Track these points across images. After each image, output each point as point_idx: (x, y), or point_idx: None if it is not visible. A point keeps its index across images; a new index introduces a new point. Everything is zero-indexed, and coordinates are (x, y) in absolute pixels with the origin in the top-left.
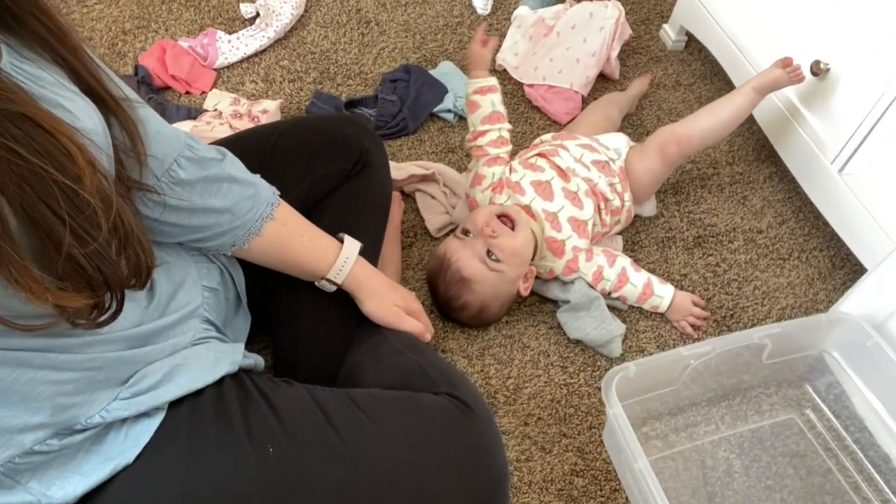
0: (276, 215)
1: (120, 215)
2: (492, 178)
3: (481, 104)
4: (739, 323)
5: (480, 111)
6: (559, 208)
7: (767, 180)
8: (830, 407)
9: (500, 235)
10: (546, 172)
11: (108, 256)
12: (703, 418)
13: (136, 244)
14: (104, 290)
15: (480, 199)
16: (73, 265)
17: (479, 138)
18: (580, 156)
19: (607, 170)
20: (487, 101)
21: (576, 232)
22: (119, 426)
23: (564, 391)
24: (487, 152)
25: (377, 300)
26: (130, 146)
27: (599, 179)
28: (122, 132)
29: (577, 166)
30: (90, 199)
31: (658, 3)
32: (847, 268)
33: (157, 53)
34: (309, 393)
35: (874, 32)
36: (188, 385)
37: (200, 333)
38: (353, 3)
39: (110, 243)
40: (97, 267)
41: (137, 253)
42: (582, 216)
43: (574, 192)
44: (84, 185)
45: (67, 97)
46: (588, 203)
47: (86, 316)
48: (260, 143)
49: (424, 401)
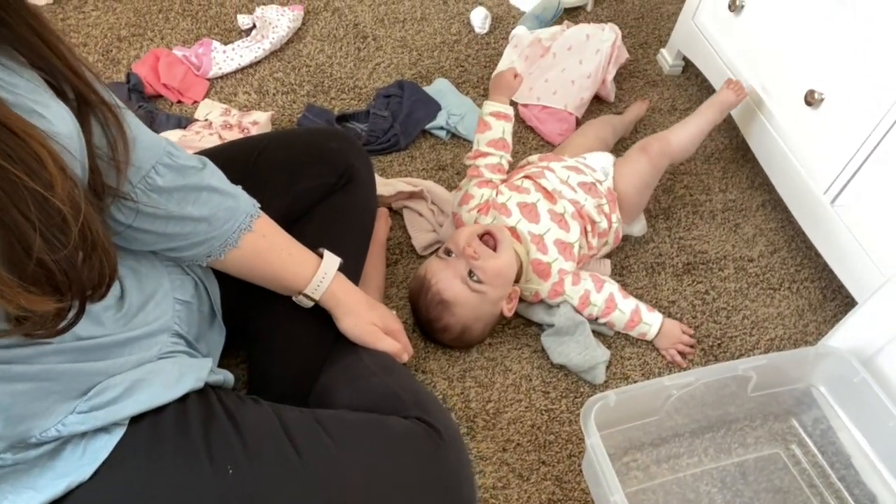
0: (255, 227)
1: (88, 224)
2: (479, 198)
3: (493, 126)
4: (727, 352)
5: (490, 133)
6: (545, 230)
7: (760, 208)
8: (816, 442)
9: (482, 256)
10: (531, 195)
11: (76, 263)
12: (686, 450)
13: (102, 253)
14: (70, 297)
15: (466, 218)
16: (43, 270)
17: (480, 159)
18: (566, 177)
19: (594, 191)
20: (500, 126)
21: (562, 255)
22: (77, 441)
23: (545, 417)
24: (482, 174)
25: (355, 318)
26: (111, 153)
27: (586, 201)
28: (104, 137)
29: (563, 188)
30: (60, 206)
31: (656, 27)
32: (838, 300)
33: (151, 62)
34: (275, 413)
35: (868, 64)
36: (149, 401)
37: (168, 347)
38: (350, 18)
39: (77, 251)
40: (65, 272)
41: (102, 263)
42: (568, 239)
43: (560, 215)
44: (55, 192)
45: (42, 102)
46: (574, 225)
47: (48, 323)
48: (244, 154)
49: (392, 425)
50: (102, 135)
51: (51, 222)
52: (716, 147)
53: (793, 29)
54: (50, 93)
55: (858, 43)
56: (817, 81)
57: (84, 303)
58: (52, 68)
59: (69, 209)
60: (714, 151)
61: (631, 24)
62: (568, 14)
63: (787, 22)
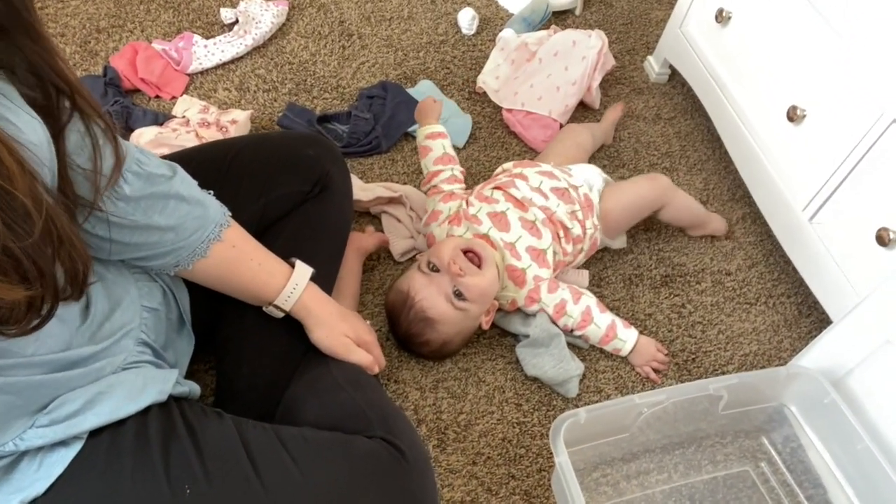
0: (225, 237)
1: (52, 219)
2: (448, 212)
3: (433, 147)
4: (700, 367)
5: (433, 153)
6: (517, 238)
7: (740, 221)
8: (786, 461)
9: (468, 274)
10: (500, 204)
11: (45, 254)
12: (656, 466)
13: (71, 248)
14: (39, 286)
15: (437, 233)
16: (10, 259)
17: (434, 178)
18: (539, 183)
19: (567, 197)
20: (438, 144)
21: (535, 261)
22: (33, 455)
23: (517, 430)
24: (442, 189)
25: (326, 329)
26: (92, 167)
27: (558, 207)
28: (90, 151)
29: (533, 195)
30: (21, 197)
31: (644, 33)
32: (813, 316)
33: (129, 55)
34: (237, 429)
35: (850, 84)
36: (110, 414)
37: (133, 357)
38: (336, 15)
39: (45, 246)
40: (33, 261)
41: (73, 258)
42: (540, 245)
43: (532, 222)
44: (14, 184)
45: (11, 109)
46: (546, 232)
47: (20, 317)
48: (217, 158)
49: (356, 445)
50: (87, 147)
51: (13, 213)
52: (698, 158)
53: (778, 44)
54: (20, 101)
55: (842, 62)
56: (800, 98)
57: (57, 297)
58: (46, 78)
59: (31, 202)
60: (696, 162)
61: (619, 29)
62: (556, 17)
63: (772, 37)
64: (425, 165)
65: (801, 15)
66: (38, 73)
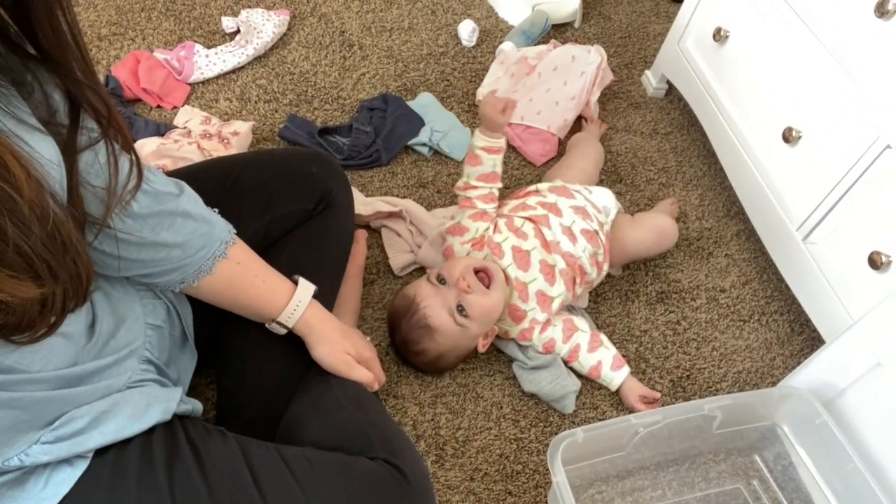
0: (230, 254)
1: (58, 226)
2: (475, 232)
3: (483, 161)
4: (695, 384)
5: (481, 168)
6: (531, 280)
7: (735, 238)
8: (777, 479)
9: (475, 292)
10: (529, 241)
11: (53, 255)
12: (650, 483)
13: (75, 255)
14: (52, 283)
15: (458, 250)
16: (22, 258)
17: (470, 191)
18: (571, 223)
19: (595, 241)
20: (490, 161)
21: (539, 305)
22: (40, 472)
23: (514, 446)
24: (475, 205)
25: (328, 347)
26: (105, 186)
27: (584, 252)
28: (101, 171)
29: (563, 238)
30: (28, 206)
31: (642, 47)
32: (805, 334)
33: (131, 64)
34: (241, 449)
35: (846, 108)
36: (115, 433)
37: (137, 375)
38: (337, 25)
39: (52, 249)
40: (44, 259)
41: (76, 264)
42: (550, 293)
43: (552, 267)
44: (20, 191)
45: (23, 126)
46: (560, 282)
47: (32, 320)
48: (222, 176)
49: (359, 468)
50: (104, 170)
51: (20, 217)
52: (694, 174)
53: (775, 65)
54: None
55: (838, 86)
56: (796, 119)
57: (66, 297)
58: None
59: (37, 211)
60: (693, 178)
61: (617, 42)
62: (556, 30)
63: (769, 58)
64: (468, 174)
65: (798, 38)
66: (73, 99)
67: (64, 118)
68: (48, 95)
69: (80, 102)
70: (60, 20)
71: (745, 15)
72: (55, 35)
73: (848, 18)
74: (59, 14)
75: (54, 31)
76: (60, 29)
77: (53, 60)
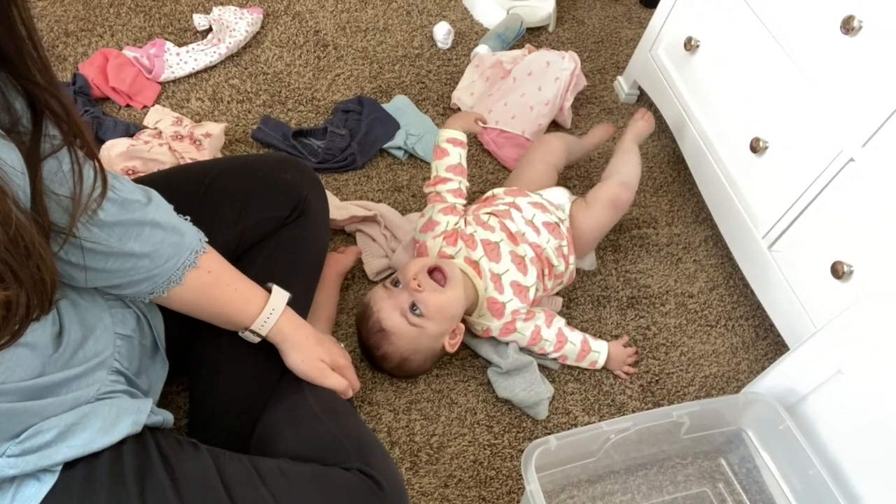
0: (201, 263)
1: (20, 231)
2: (445, 225)
3: (450, 153)
4: (664, 389)
5: (448, 159)
6: (504, 271)
7: (703, 243)
8: (741, 482)
9: (426, 289)
10: (496, 234)
11: (16, 259)
12: (620, 487)
13: (38, 260)
14: (15, 287)
15: (431, 245)
16: None
17: (440, 185)
18: (532, 216)
19: (557, 232)
20: (456, 152)
21: (517, 296)
22: (6, 487)
23: (488, 452)
24: (445, 199)
25: (302, 354)
26: (69, 195)
27: (548, 243)
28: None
29: (527, 230)
30: None
31: (615, 52)
32: (770, 339)
33: (99, 62)
34: (214, 462)
35: (811, 120)
36: (83, 447)
37: (107, 387)
38: (311, 24)
39: (15, 254)
40: (6, 263)
41: (40, 269)
42: (525, 282)
43: (521, 257)
44: None
45: None
46: (532, 270)
47: None
48: (194, 182)
49: (334, 479)
50: (68, 178)
51: None
52: (664, 179)
53: (743, 77)
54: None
55: (804, 99)
56: (763, 130)
57: (29, 312)
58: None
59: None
60: (662, 184)
61: (590, 47)
62: (530, 33)
63: (738, 69)
64: (436, 168)
65: (767, 50)
66: (34, 105)
67: (27, 125)
68: (10, 102)
69: (41, 108)
70: (15, 17)
71: (716, 26)
72: (9, 34)
73: (815, 34)
74: (13, 11)
75: (8, 29)
76: (15, 28)
77: (9, 62)
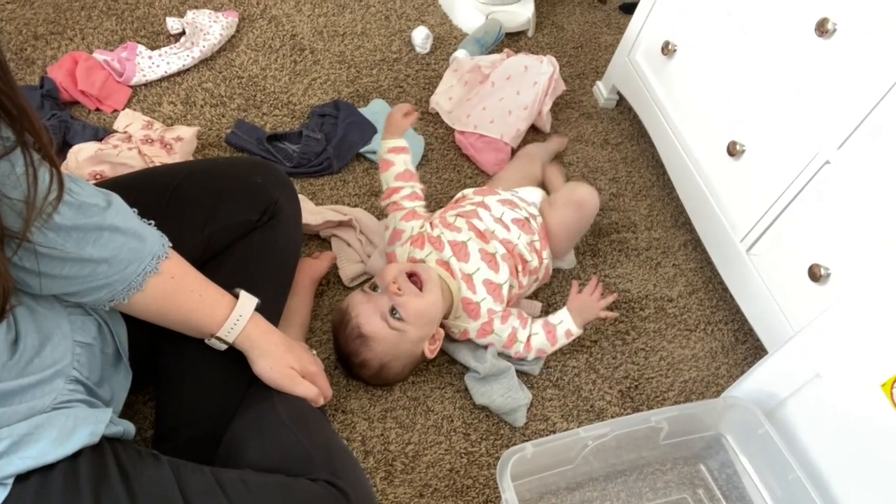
0: (163, 269)
1: None
2: (410, 231)
3: (395, 162)
4: (643, 394)
5: (394, 168)
6: (475, 270)
7: (682, 248)
8: (721, 487)
9: (406, 293)
10: (463, 233)
11: None
12: (599, 494)
13: None
14: None
15: (400, 253)
16: None
17: (394, 194)
18: (501, 214)
19: (527, 228)
20: (400, 160)
21: (491, 295)
22: None
23: (464, 460)
24: (403, 206)
25: (271, 361)
26: (22, 198)
27: (519, 239)
28: (18, 182)
29: (496, 227)
30: None
31: (594, 57)
32: (749, 343)
33: (68, 66)
34: (175, 473)
35: (787, 123)
36: (37, 459)
37: (64, 396)
38: (288, 28)
39: None
40: None
41: None
42: (497, 280)
43: (492, 255)
44: None
45: None
46: (504, 267)
47: None
48: (160, 185)
49: (299, 489)
50: (21, 180)
51: None
52: (644, 184)
53: (720, 81)
54: None
55: (780, 102)
56: (740, 134)
57: None
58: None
59: None
60: (642, 188)
61: (570, 52)
62: (509, 38)
63: (715, 73)
64: (386, 180)
65: (743, 54)
66: None
67: None
68: None
69: None
70: None
71: (692, 30)
72: None
73: (791, 38)
74: None
75: None
76: None
77: None
